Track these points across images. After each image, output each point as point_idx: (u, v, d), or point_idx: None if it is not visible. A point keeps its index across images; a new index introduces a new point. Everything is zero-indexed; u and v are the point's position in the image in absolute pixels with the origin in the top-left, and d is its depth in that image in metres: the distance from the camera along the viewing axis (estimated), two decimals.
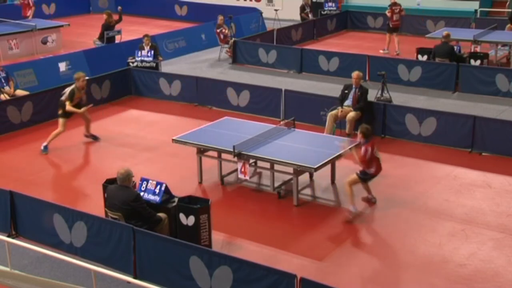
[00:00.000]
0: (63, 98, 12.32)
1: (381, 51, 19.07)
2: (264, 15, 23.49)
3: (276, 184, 10.32)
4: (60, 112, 12.36)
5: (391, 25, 19.15)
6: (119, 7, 20.28)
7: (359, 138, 9.56)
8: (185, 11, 26.00)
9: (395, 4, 19.16)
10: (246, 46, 18.65)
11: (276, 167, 10.09)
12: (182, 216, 8.40)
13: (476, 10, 22.43)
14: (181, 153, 11.62)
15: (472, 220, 9.42)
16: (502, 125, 11.79)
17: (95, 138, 12.87)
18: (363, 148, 9.43)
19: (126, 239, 8.02)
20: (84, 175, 11.39)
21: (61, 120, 12.32)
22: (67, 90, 12.31)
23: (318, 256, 8.55)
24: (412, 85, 15.83)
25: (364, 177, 9.60)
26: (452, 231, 9.07)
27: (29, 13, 22.07)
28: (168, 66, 17.99)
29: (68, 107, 12.20)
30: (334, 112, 12.41)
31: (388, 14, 19.16)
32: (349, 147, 9.87)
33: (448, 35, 16.36)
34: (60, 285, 7.22)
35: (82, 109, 12.34)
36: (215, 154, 10.66)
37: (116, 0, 27.68)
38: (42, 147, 12.27)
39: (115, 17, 19.74)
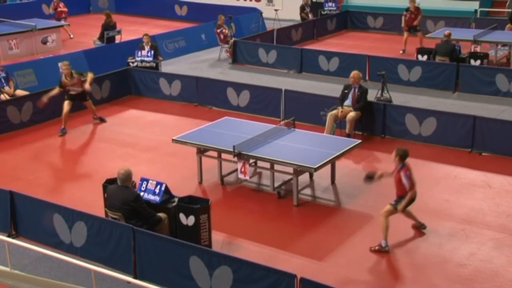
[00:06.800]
0: None
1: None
2: (264, 15, 23.47)
3: (276, 184, 10.31)
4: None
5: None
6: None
7: (396, 162, 8.62)
8: (185, 11, 25.98)
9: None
10: (246, 46, 18.65)
11: (276, 167, 10.08)
12: (182, 216, 8.40)
13: (476, 10, 22.42)
14: (181, 153, 11.62)
15: (472, 220, 9.42)
16: (502, 125, 11.79)
17: (102, 120, 13.95)
18: (402, 175, 8.54)
19: (126, 239, 8.01)
20: (84, 175, 11.39)
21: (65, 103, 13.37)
22: None
23: (318, 256, 8.54)
24: (412, 85, 15.83)
25: (397, 206, 8.71)
26: (452, 231, 9.07)
27: (63, 15, 22.20)
28: (168, 66, 17.99)
29: (51, 91, 13.33)
30: (334, 112, 12.41)
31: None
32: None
33: (449, 34, 16.46)
34: (60, 285, 7.22)
35: (53, 92, 13.29)
36: (215, 154, 10.65)
37: (116, 0, 27.73)
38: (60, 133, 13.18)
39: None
